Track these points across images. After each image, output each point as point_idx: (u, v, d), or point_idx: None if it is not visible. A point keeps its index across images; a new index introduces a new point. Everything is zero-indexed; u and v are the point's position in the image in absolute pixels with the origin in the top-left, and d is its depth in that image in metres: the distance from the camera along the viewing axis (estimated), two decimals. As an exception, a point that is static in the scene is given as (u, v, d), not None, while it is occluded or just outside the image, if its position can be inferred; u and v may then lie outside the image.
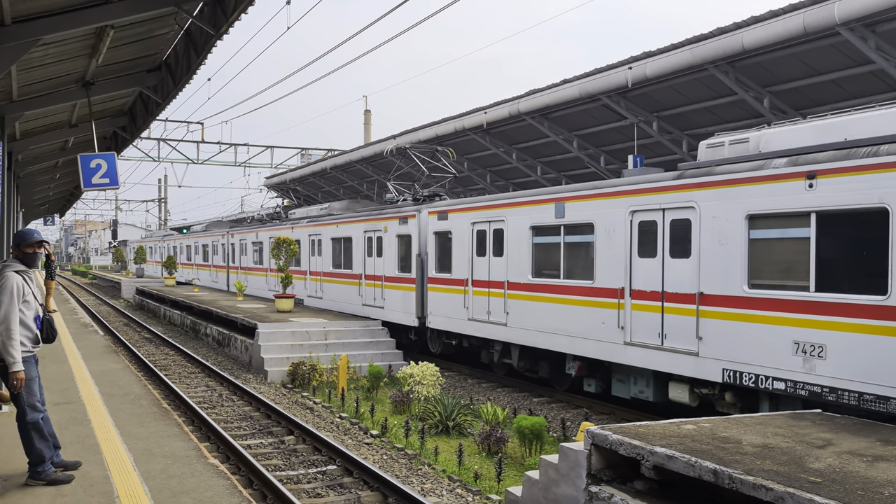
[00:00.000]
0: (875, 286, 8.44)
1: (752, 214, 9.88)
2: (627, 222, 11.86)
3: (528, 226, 14.20)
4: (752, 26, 12.67)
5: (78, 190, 27.25)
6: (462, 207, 16.41)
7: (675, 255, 11.03)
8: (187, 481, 7.28)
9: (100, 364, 14.60)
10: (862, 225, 8.66)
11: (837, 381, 8.75)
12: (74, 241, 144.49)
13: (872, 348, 8.39)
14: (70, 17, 6.81)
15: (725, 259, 10.22)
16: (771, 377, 9.55)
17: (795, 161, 9.38)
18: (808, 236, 9.19)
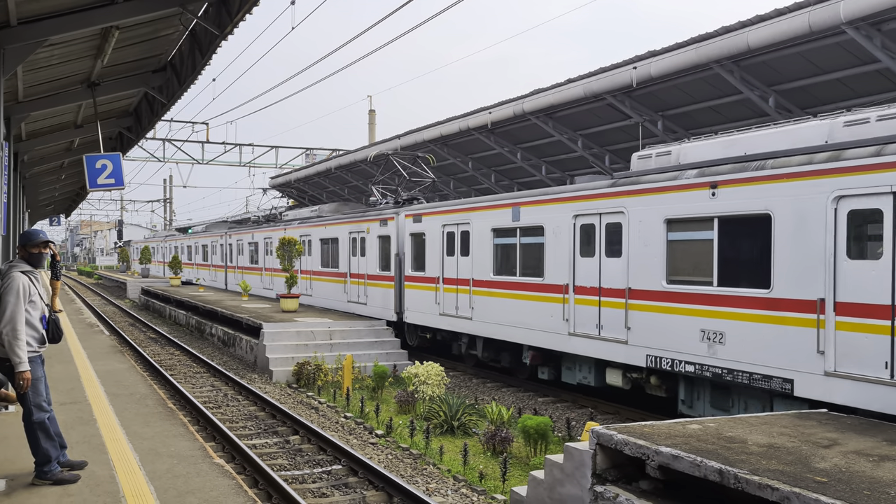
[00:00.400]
0: (761, 281, 9.81)
1: (669, 219, 11.19)
2: (571, 225, 13.21)
3: (489, 228, 15.50)
4: (758, 25, 12.65)
5: (83, 190, 27.34)
6: (434, 211, 17.72)
7: (610, 255, 12.35)
8: (193, 481, 7.29)
9: (105, 364, 14.63)
10: (752, 228, 10.00)
11: (734, 364, 10.14)
12: (80, 241, 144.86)
13: (759, 334, 9.79)
14: (76, 18, 6.83)
15: (649, 258, 11.54)
16: (683, 361, 10.91)
17: (703, 173, 10.71)
18: (712, 238, 10.52)
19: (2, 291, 6.51)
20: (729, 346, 10.20)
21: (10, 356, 6.43)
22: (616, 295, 12.16)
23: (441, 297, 17.27)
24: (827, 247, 8.99)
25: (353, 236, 21.61)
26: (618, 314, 12.08)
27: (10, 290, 6.48)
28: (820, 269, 9.07)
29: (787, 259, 9.47)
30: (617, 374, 12.46)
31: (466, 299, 16.26)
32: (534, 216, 14.23)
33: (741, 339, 10.04)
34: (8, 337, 6.41)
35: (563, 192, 13.52)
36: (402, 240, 19.11)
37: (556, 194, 13.70)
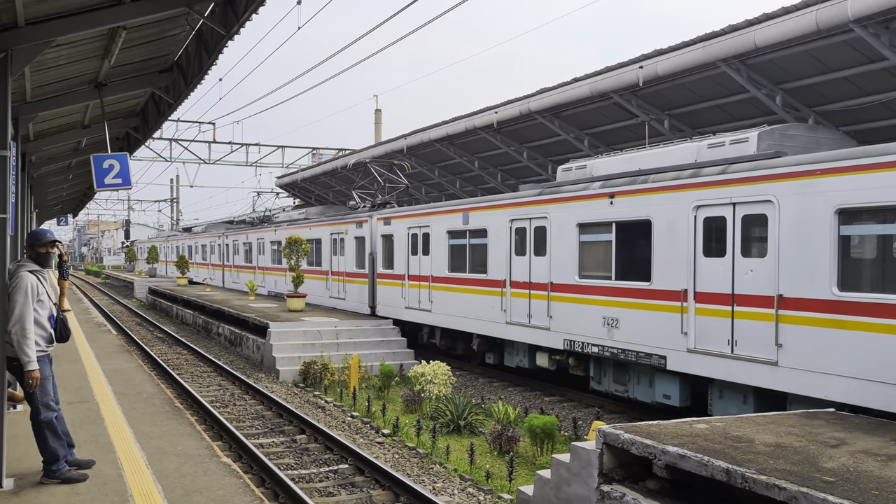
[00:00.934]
0: (645, 275, 11.90)
1: (580, 223, 13.29)
2: (508, 228, 15.30)
3: (445, 230, 17.54)
4: (765, 24, 12.60)
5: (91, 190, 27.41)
6: (401, 215, 19.63)
7: (537, 254, 14.43)
8: (200, 480, 7.31)
9: (113, 363, 14.69)
10: (638, 232, 12.04)
11: (625, 344, 12.27)
12: (87, 241, 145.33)
13: (643, 320, 11.89)
14: (83, 19, 6.84)
15: (566, 256, 13.64)
16: (590, 343, 13.01)
17: (605, 185, 12.83)
18: (611, 239, 12.66)
19: (10, 291, 6.54)
20: (623, 329, 12.33)
21: (19, 355, 6.46)
22: (542, 288, 14.30)
23: (406, 293, 19.30)
24: (689, 247, 11.04)
25: (334, 237, 23.56)
26: (543, 305, 14.23)
27: (18, 290, 6.51)
28: (684, 265, 11.12)
29: (663, 257, 11.51)
30: (544, 357, 14.60)
31: (427, 294, 18.30)
32: (479, 220, 16.29)
33: (631, 324, 12.13)
34: (17, 336, 6.44)
35: (502, 200, 15.60)
36: (375, 241, 20.97)
37: (496, 201, 15.80)
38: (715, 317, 10.61)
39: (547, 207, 14.09)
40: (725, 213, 10.51)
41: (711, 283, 10.66)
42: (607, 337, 12.58)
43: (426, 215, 18.42)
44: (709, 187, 10.76)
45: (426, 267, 18.30)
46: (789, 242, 9.64)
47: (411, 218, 19.06)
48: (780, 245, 9.75)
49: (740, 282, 10.25)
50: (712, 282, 10.65)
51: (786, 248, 9.68)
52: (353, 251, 22.17)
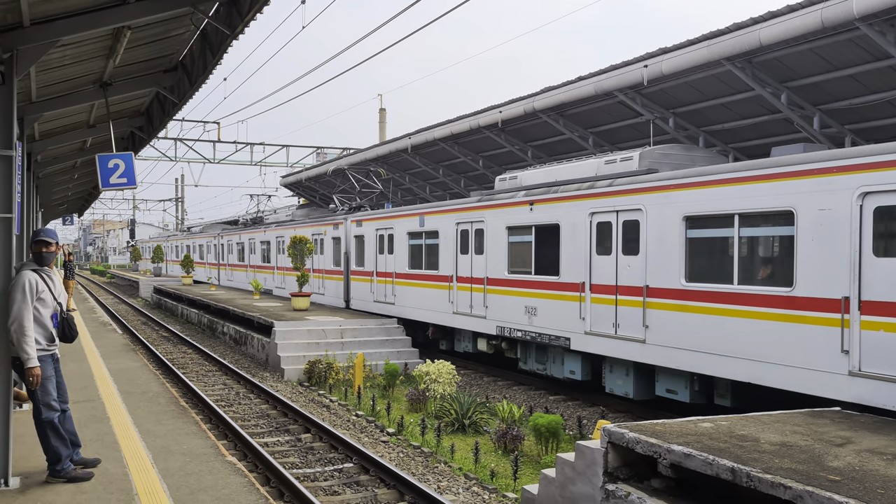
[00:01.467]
0: (555, 270, 14.05)
1: (509, 226, 15.40)
2: (455, 230, 17.35)
3: (406, 232, 19.62)
4: (770, 22, 12.56)
5: (96, 190, 27.46)
6: (371, 218, 21.71)
7: (477, 253, 16.53)
8: (205, 479, 7.33)
9: (118, 362, 14.73)
10: (550, 234, 14.21)
11: (541, 329, 14.38)
12: (93, 240, 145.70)
13: (553, 308, 14.07)
14: (88, 19, 6.85)
15: (498, 255, 15.76)
16: (515, 328, 15.19)
17: (528, 194, 14.96)
18: (531, 240, 14.82)
19: (9, 289, 6.56)
20: (539, 316, 14.47)
21: (19, 352, 6.47)
22: (480, 283, 16.43)
23: (374, 288, 21.49)
24: (587, 247, 13.30)
25: (315, 237, 25.66)
26: (481, 297, 16.37)
27: (16, 288, 6.53)
28: (583, 262, 13.35)
29: (568, 255, 13.72)
30: (483, 343, 16.74)
31: (391, 288, 20.43)
32: (433, 223, 18.32)
33: (545, 312, 14.29)
34: (16, 334, 6.45)
35: (450, 205, 17.72)
36: (349, 241, 23.20)
37: (445, 207, 17.90)
38: (604, 304, 12.94)
39: (484, 212, 16.26)
40: (611, 219, 12.79)
41: (602, 276, 13.01)
42: (528, 323, 14.78)
43: (391, 218, 20.52)
44: (600, 197, 13.02)
45: (391, 264, 20.47)
46: (653, 243, 11.87)
47: (379, 221, 21.15)
48: (647, 245, 11.99)
49: (621, 275, 12.55)
50: (603, 276, 13.00)
51: (651, 247, 11.93)
52: (331, 251, 24.30)
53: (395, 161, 27.62)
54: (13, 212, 6.60)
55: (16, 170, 6.69)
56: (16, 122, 6.74)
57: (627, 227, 12.38)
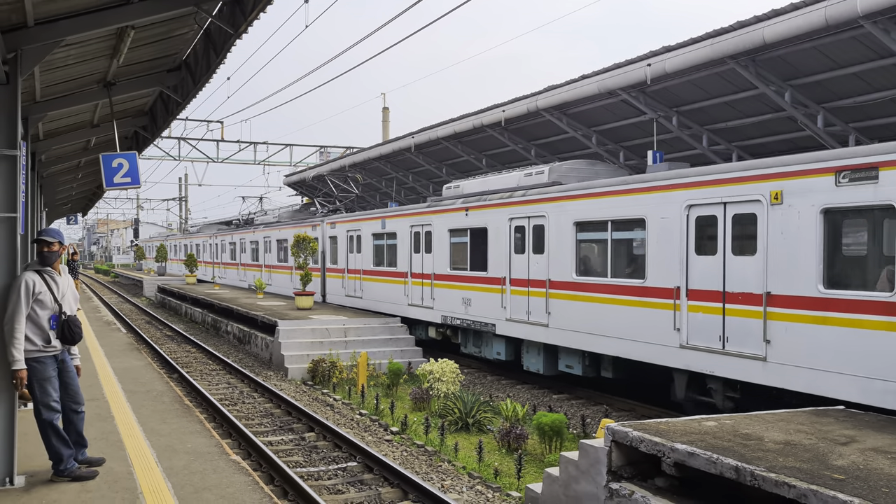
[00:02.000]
0: (485, 267, 16.39)
1: (450, 229, 17.75)
2: (409, 232, 19.66)
3: (371, 233, 21.89)
4: (773, 20, 12.54)
5: (100, 189, 27.51)
6: (342, 220, 24.16)
7: (427, 252, 18.75)
8: (209, 477, 7.34)
9: (122, 361, 14.75)
10: (481, 236, 16.56)
11: (475, 317, 16.71)
12: (97, 239, 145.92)
13: (483, 298, 16.42)
14: (91, 18, 6.86)
15: (442, 253, 18.07)
16: (455, 317, 17.52)
17: (465, 201, 17.30)
18: (467, 241, 17.11)
19: (9, 289, 6.56)
20: (473, 306, 16.82)
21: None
22: (427, 277, 18.76)
23: (346, 283, 23.83)
24: (507, 247, 15.61)
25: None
26: (429, 290, 18.66)
27: (12, 289, 6.52)
28: (506, 259, 15.63)
29: (495, 254, 16.03)
30: (433, 330, 18.92)
31: (360, 284, 22.75)
32: (392, 226, 20.61)
33: (478, 302, 16.63)
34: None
35: (405, 210, 19.99)
36: (325, 241, 25.52)
37: (401, 212, 20.16)
38: (520, 295, 15.21)
39: (431, 217, 18.58)
40: (524, 224, 15.13)
41: (518, 272, 15.21)
42: (465, 312, 17.09)
43: (359, 221, 22.88)
44: (517, 206, 15.34)
45: (359, 262, 22.78)
46: (554, 244, 14.26)
47: (349, 223, 23.55)
48: (550, 245, 14.33)
49: (532, 271, 14.82)
50: (519, 271, 15.20)
51: (552, 247, 14.31)
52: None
53: (399, 160, 27.62)
54: (18, 211, 6.61)
55: (20, 169, 6.70)
56: (20, 121, 6.76)
57: (536, 230, 14.78)
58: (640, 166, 18.63)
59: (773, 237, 10.05)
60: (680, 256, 11.38)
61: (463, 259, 17.36)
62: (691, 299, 11.20)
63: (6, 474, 6.63)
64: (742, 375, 10.41)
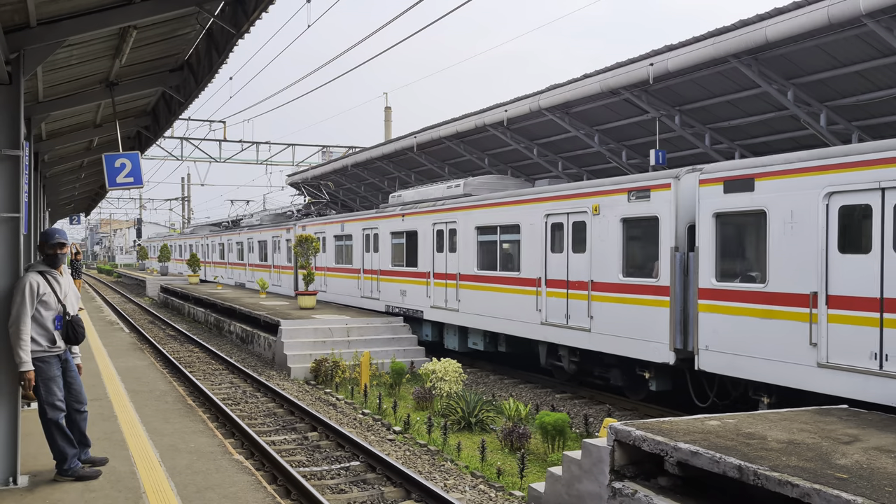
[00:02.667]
0: (415, 263, 19.63)
1: (391, 231, 21.05)
2: (362, 234, 22.84)
3: (333, 235, 25.18)
4: (776, 18, 12.52)
5: (103, 189, 27.54)
6: (311, 223, 27.58)
7: (374, 251, 22.06)
8: (212, 477, 7.35)
9: (125, 361, 14.77)
10: (413, 238, 19.88)
11: (409, 305, 19.90)
12: (100, 239, 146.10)
13: (415, 289, 19.62)
14: (94, 19, 6.87)
15: (386, 252, 21.33)
16: (395, 306, 20.71)
17: (402, 209, 20.56)
18: (403, 242, 20.40)
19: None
20: (408, 296, 20.03)
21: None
22: (375, 273, 21.99)
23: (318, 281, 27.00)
24: (432, 246, 18.84)
25: (275, 240, 31.65)
26: (376, 284, 21.89)
27: (17, 290, 6.52)
28: (430, 257, 18.92)
29: (423, 252, 19.28)
30: None
31: (325, 280, 25.81)
32: (348, 229, 23.79)
33: (411, 293, 19.83)
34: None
35: (359, 216, 23.31)
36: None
37: (356, 216, 23.46)
38: (440, 286, 18.50)
39: (377, 222, 21.87)
40: (443, 228, 18.42)
41: (440, 267, 18.55)
42: (402, 302, 20.25)
43: (323, 224, 26.22)
44: (438, 213, 18.70)
45: (324, 261, 25.83)
46: (462, 244, 17.49)
47: (316, 226, 26.92)
48: (460, 245, 17.63)
49: (449, 265, 18.13)
50: (440, 266, 18.52)
51: (461, 247, 17.51)
52: (285, 250, 30.03)
53: (401, 159, 27.63)
54: (21, 211, 6.62)
55: (23, 169, 6.71)
56: (23, 121, 6.76)
57: (451, 233, 18.05)
58: (643, 165, 18.61)
59: (594, 239, 13.38)
60: (541, 254, 14.78)
61: (400, 257, 20.55)
62: (549, 287, 14.61)
63: (10, 474, 6.64)
64: (578, 343, 13.74)
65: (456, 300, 17.61)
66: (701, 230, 11.27)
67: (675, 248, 11.86)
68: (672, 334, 11.73)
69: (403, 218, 20.15)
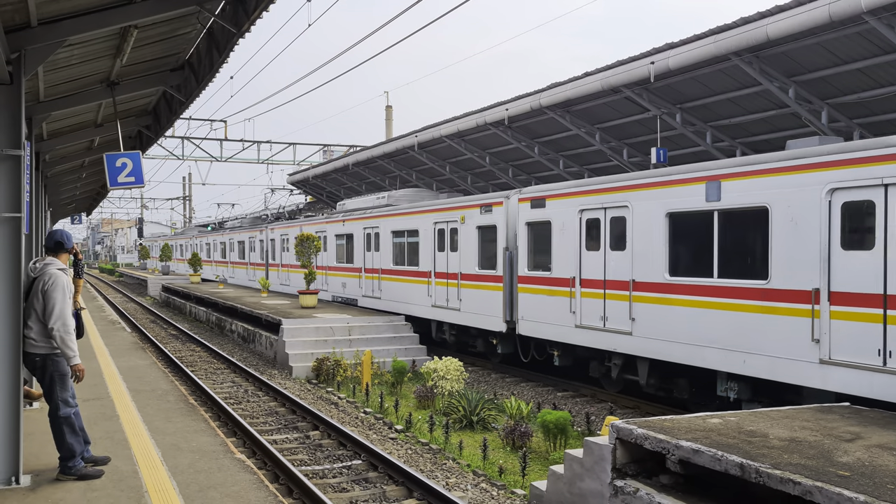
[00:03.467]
0: (352, 260, 23.93)
1: (336, 234, 25.41)
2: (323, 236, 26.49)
3: (294, 236, 27.94)
4: (777, 16, 12.50)
5: (104, 189, 27.54)
6: (279, 226, 32.02)
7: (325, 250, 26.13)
8: (214, 476, 7.36)
9: (127, 361, 14.78)
10: (350, 239, 24.04)
11: (347, 295, 24.20)
12: (101, 239, 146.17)
13: (351, 282, 24.08)
14: (94, 18, 6.86)
15: (332, 252, 25.63)
16: (338, 296, 25.13)
17: (344, 215, 24.78)
18: (344, 243, 24.56)
19: (46, 289, 6.68)
20: (347, 288, 24.40)
21: (64, 350, 6.69)
22: (331, 270, 25.83)
23: (280, 275, 31.62)
24: (363, 246, 23.05)
25: (251, 240, 36.12)
26: (325, 279, 26.04)
27: (56, 287, 6.72)
28: (362, 255, 23.13)
29: (357, 252, 23.51)
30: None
31: (288, 276, 30.31)
32: (307, 231, 26.97)
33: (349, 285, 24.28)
34: (60, 332, 6.67)
35: (314, 220, 28.06)
36: (267, 243, 33.47)
37: (312, 221, 28.27)
38: (369, 279, 22.77)
39: (326, 226, 26.33)
40: (371, 232, 22.70)
41: (370, 263, 22.62)
42: (343, 292, 24.71)
43: (287, 227, 30.64)
44: (367, 220, 22.94)
45: (287, 259, 30.20)
46: (384, 245, 21.77)
47: (281, 229, 31.32)
48: (382, 246, 21.84)
49: (375, 262, 22.20)
50: (370, 263, 22.63)
51: (382, 247, 21.81)
52: (258, 249, 34.72)
53: (402, 158, 27.62)
54: (22, 211, 6.62)
55: (24, 169, 6.71)
56: (24, 121, 6.76)
57: (376, 236, 22.27)
58: (645, 163, 18.60)
59: (462, 241, 17.74)
60: (433, 252, 18.94)
61: (342, 256, 24.87)
62: (437, 278, 18.71)
63: (12, 473, 6.65)
64: (455, 321, 18.02)
65: (379, 290, 21.84)
66: (518, 234, 15.74)
67: (506, 248, 16.20)
68: (504, 310, 16.06)
69: (344, 223, 24.55)
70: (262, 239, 33.70)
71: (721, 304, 10.98)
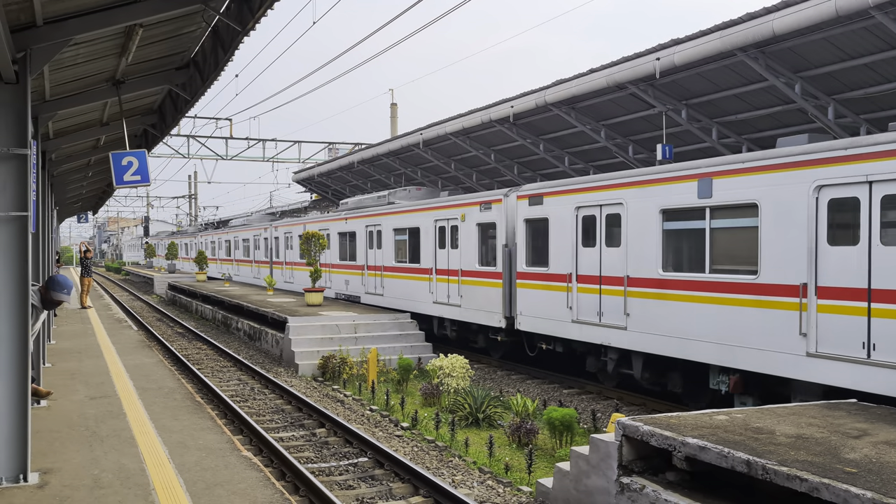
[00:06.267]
0: (354, 258, 24.56)
1: (339, 232, 25.76)
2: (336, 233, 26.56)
3: (297, 235, 29.18)
4: (783, 11, 12.45)
5: (110, 187, 27.60)
6: (283, 224, 32.60)
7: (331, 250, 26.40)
8: (221, 473, 7.37)
9: (134, 359, 14.82)
10: (353, 237, 24.67)
11: (351, 292, 24.75)
12: (107, 237, 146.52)
13: (354, 279, 24.68)
14: (100, 17, 6.87)
15: (335, 249, 26.17)
16: (342, 293, 25.53)
17: (346, 214, 25.18)
18: (347, 241, 25.11)
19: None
20: (350, 285, 24.96)
21: None
22: (334, 267, 26.28)
23: (284, 273, 32.07)
24: (365, 245, 23.58)
25: (255, 238, 36.71)
26: (329, 276, 26.56)
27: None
28: (364, 253, 23.66)
29: (360, 249, 23.95)
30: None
31: (292, 273, 30.89)
32: (310, 228, 27.19)
33: (352, 282, 24.69)
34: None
35: (316, 218, 28.74)
36: (272, 240, 34.12)
37: (314, 219, 28.93)
38: (372, 277, 23.13)
39: (328, 224, 26.88)
40: (373, 230, 23.00)
41: (372, 261, 23.20)
42: (346, 289, 25.18)
43: (291, 226, 31.27)
44: (369, 217, 23.41)
45: (290, 256, 30.84)
46: (386, 242, 22.19)
47: (286, 227, 31.97)
48: (383, 244, 22.32)
49: (376, 259, 22.77)
50: (372, 260, 23.20)
51: (384, 244, 22.29)
52: (263, 247, 35.38)
53: (407, 155, 27.61)
54: (29, 210, 6.64)
55: (31, 168, 6.73)
56: (30, 120, 6.78)
57: (377, 233, 22.76)
58: (650, 160, 18.56)
59: (462, 238, 18.08)
60: (434, 249, 19.36)
61: (345, 253, 25.32)
62: (438, 274, 19.27)
63: (20, 471, 6.68)
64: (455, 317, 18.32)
65: (382, 287, 22.27)
66: (517, 231, 16.03)
67: (505, 244, 16.49)
68: (503, 306, 16.38)
69: (346, 221, 24.96)
70: (267, 237, 34.23)
71: (712, 299, 11.04)
